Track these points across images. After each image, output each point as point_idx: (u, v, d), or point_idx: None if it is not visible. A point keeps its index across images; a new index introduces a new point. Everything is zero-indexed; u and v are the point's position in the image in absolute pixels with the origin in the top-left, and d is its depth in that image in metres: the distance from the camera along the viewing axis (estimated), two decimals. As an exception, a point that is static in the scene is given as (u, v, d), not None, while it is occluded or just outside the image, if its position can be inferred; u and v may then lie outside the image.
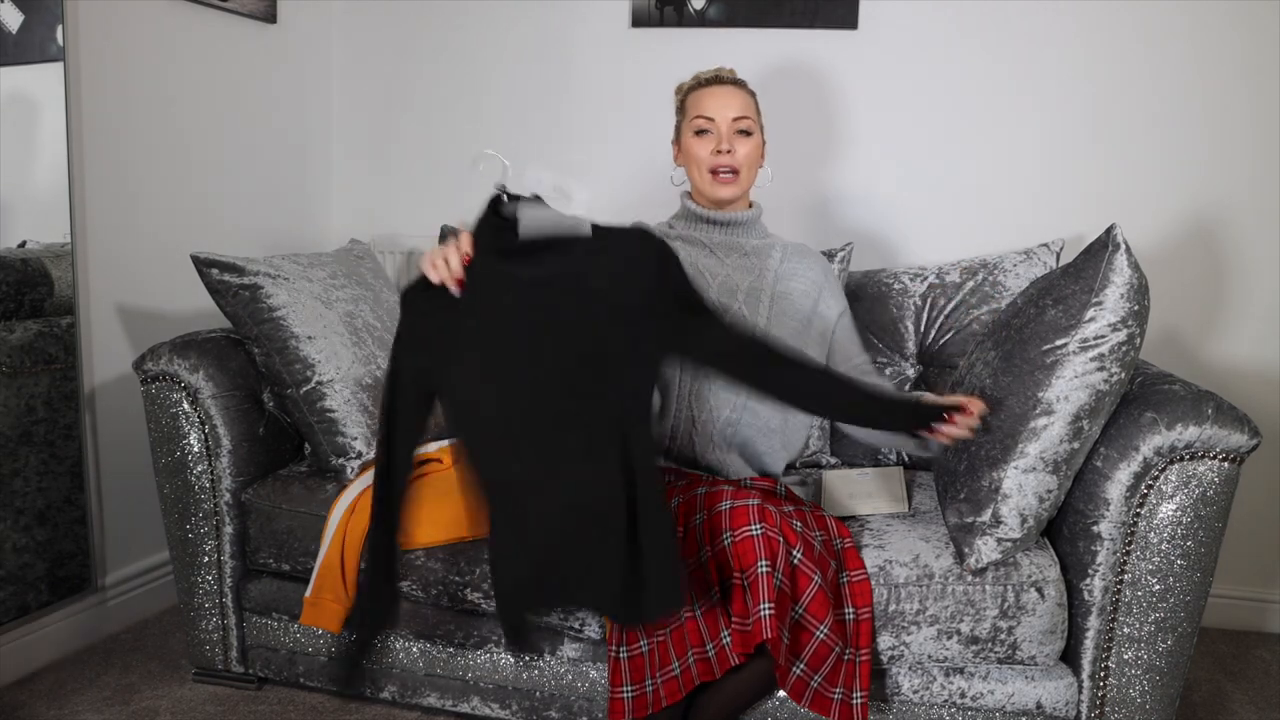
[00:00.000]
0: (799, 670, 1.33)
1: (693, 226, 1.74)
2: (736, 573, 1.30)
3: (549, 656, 1.61)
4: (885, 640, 1.45)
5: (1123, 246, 1.37)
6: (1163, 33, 2.10)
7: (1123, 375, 1.38)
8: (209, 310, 2.02)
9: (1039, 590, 1.42)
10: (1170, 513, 1.39)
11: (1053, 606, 1.43)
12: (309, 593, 1.65)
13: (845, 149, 2.31)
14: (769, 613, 1.26)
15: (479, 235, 1.31)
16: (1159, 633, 1.42)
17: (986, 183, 2.24)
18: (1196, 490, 1.38)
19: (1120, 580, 1.43)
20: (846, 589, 1.43)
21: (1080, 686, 1.48)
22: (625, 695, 1.37)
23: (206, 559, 1.76)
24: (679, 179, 1.78)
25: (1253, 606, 2.20)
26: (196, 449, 1.73)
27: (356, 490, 1.68)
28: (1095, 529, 1.43)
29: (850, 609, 1.42)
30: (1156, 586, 1.41)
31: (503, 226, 1.31)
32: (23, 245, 1.78)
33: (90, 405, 1.94)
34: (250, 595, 1.76)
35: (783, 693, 1.39)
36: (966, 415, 1.38)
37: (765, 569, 1.28)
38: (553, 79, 2.44)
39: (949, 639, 1.44)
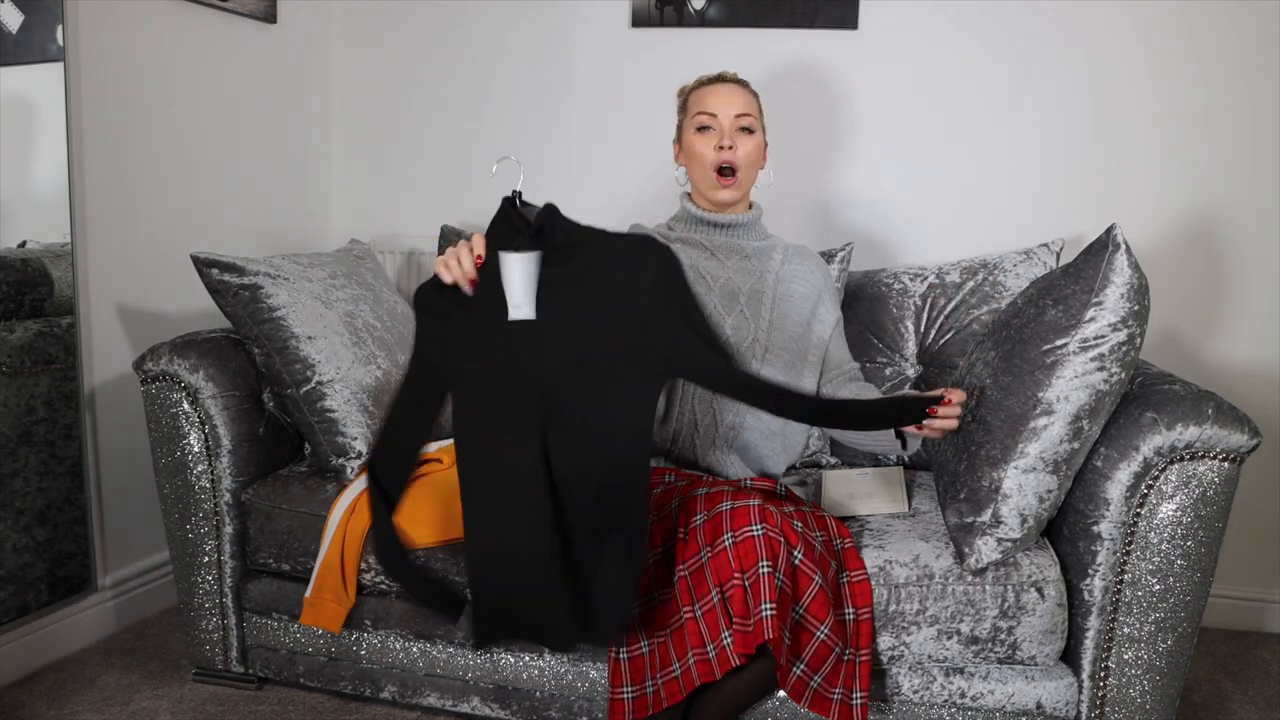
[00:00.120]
0: (799, 670, 1.33)
1: (692, 228, 1.74)
2: (738, 573, 1.30)
3: (549, 656, 1.61)
4: (885, 640, 1.45)
5: (1123, 246, 1.37)
6: (1163, 32, 2.10)
7: (1123, 375, 1.38)
8: (209, 310, 2.02)
9: (1039, 590, 1.42)
10: (1170, 513, 1.39)
11: (1053, 606, 1.43)
12: (309, 593, 1.65)
13: (845, 149, 2.31)
14: (771, 613, 1.26)
15: (492, 236, 1.33)
16: (1159, 633, 1.42)
17: (986, 183, 2.24)
18: (1196, 490, 1.38)
19: (1120, 580, 1.43)
20: (846, 589, 1.43)
21: (1080, 686, 1.48)
22: (625, 696, 1.37)
23: (206, 559, 1.76)
24: (681, 179, 1.78)
25: (1253, 606, 2.20)
26: (196, 449, 1.73)
27: (356, 490, 1.68)
28: (1095, 529, 1.43)
29: (850, 609, 1.42)
30: (1156, 586, 1.41)
31: (516, 229, 1.32)
32: (23, 245, 1.78)
33: (90, 405, 1.94)
34: (250, 595, 1.76)
35: (782, 693, 1.39)
36: (947, 405, 1.38)
37: (767, 569, 1.28)
38: (553, 79, 2.44)
39: (949, 639, 1.44)
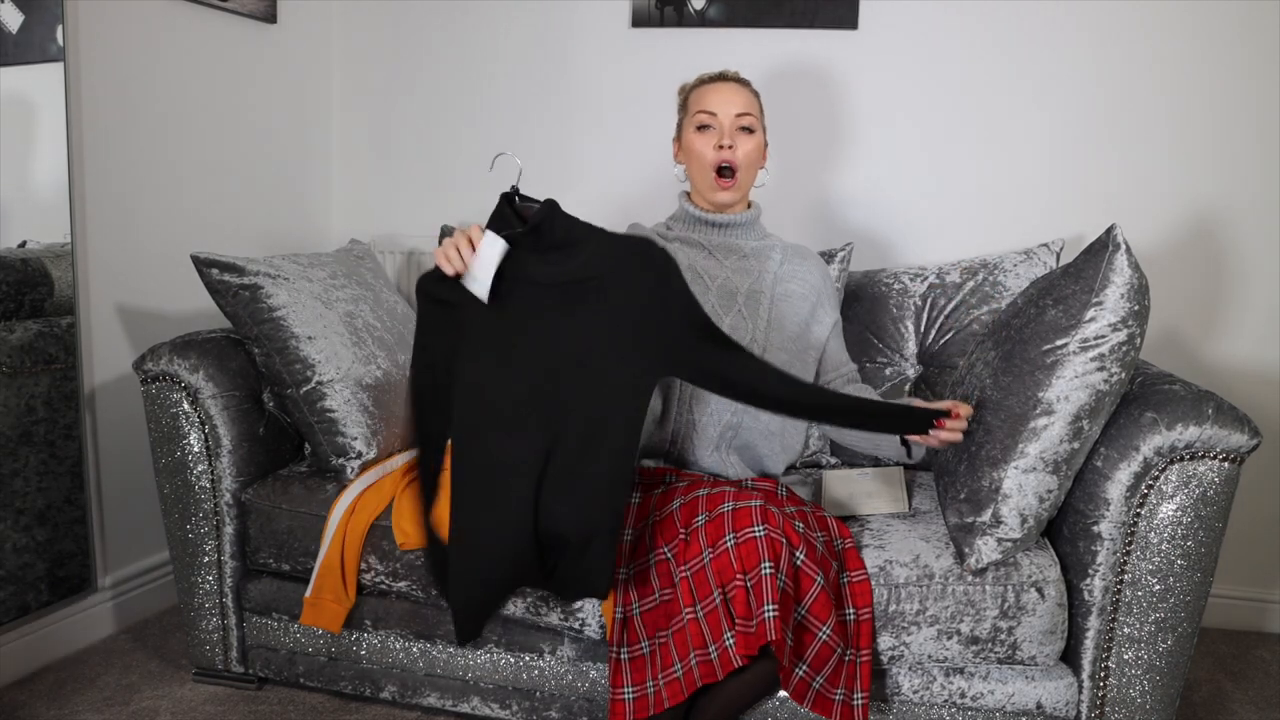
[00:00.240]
0: (802, 671, 1.33)
1: (691, 228, 1.74)
2: (740, 574, 1.30)
3: (549, 657, 1.61)
4: (885, 640, 1.45)
5: (1123, 246, 1.37)
6: (1163, 33, 2.10)
7: (1123, 375, 1.38)
8: (209, 310, 2.02)
9: (1039, 590, 1.43)
10: (1170, 513, 1.39)
11: (1053, 606, 1.43)
12: (309, 593, 1.65)
13: (845, 149, 2.31)
14: (774, 614, 1.26)
15: (491, 229, 1.34)
16: (1159, 633, 1.42)
17: (986, 183, 2.24)
18: (1197, 490, 1.38)
19: (1120, 580, 1.43)
20: (847, 589, 1.43)
21: (1080, 687, 1.48)
22: (626, 696, 1.37)
23: (206, 559, 1.76)
24: (680, 178, 1.78)
25: (1253, 606, 2.20)
26: (197, 449, 1.73)
27: (356, 490, 1.68)
28: (1095, 529, 1.43)
29: (851, 609, 1.42)
30: (1157, 586, 1.41)
31: (512, 225, 1.34)
32: (23, 245, 1.78)
33: (90, 405, 1.94)
34: (250, 595, 1.76)
35: (783, 693, 1.39)
36: (954, 419, 1.41)
37: (769, 570, 1.28)
38: (553, 79, 2.44)
39: (949, 639, 1.44)
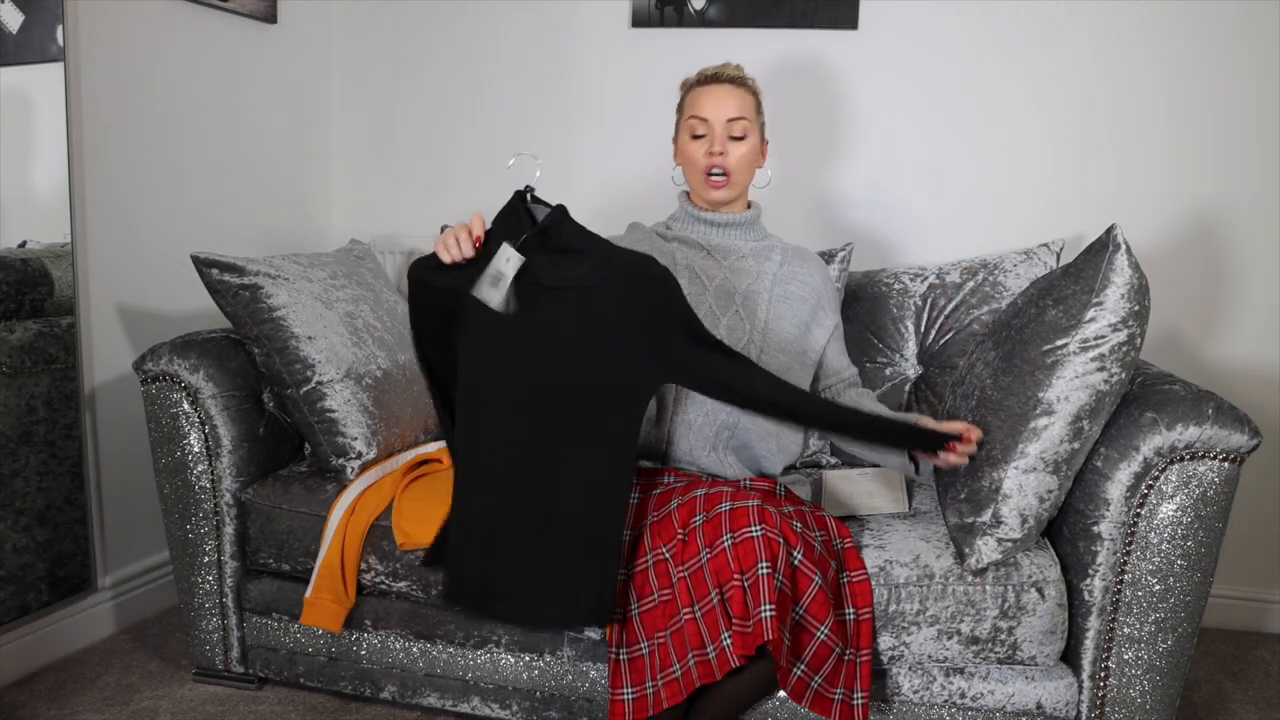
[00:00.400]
0: (800, 671, 1.33)
1: (690, 227, 1.74)
2: (737, 574, 1.30)
3: (549, 656, 1.61)
4: (885, 640, 1.45)
5: (1123, 246, 1.37)
6: (1164, 33, 2.10)
7: (1123, 375, 1.38)
8: (209, 310, 2.02)
9: (1039, 590, 1.42)
10: (1170, 513, 1.39)
11: (1053, 607, 1.42)
12: (309, 593, 1.65)
13: (845, 149, 2.31)
14: (770, 614, 1.26)
15: (498, 224, 1.36)
16: (1159, 633, 1.42)
17: (986, 183, 2.24)
18: (1197, 490, 1.38)
19: (1120, 580, 1.43)
20: (847, 589, 1.43)
21: (1080, 687, 1.48)
22: (626, 697, 1.37)
23: (206, 559, 1.76)
24: (679, 178, 1.77)
25: (1253, 606, 2.20)
26: (197, 449, 1.73)
27: (357, 490, 1.68)
28: (1095, 529, 1.43)
29: (850, 609, 1.42)
30: (1157, 587, 1.41)
31: (521, 224, 1.35)
32: (23, 245, 1.78)
33: (90, 405, 1.94)
34: (250, 595, 1.76)
35: (783, 693, 1.39)
36: (965, 443, 1.43)
37: (766, 570, 1.28)
38: (553, 79, 2.44)
39: (949, 639, 1.44)
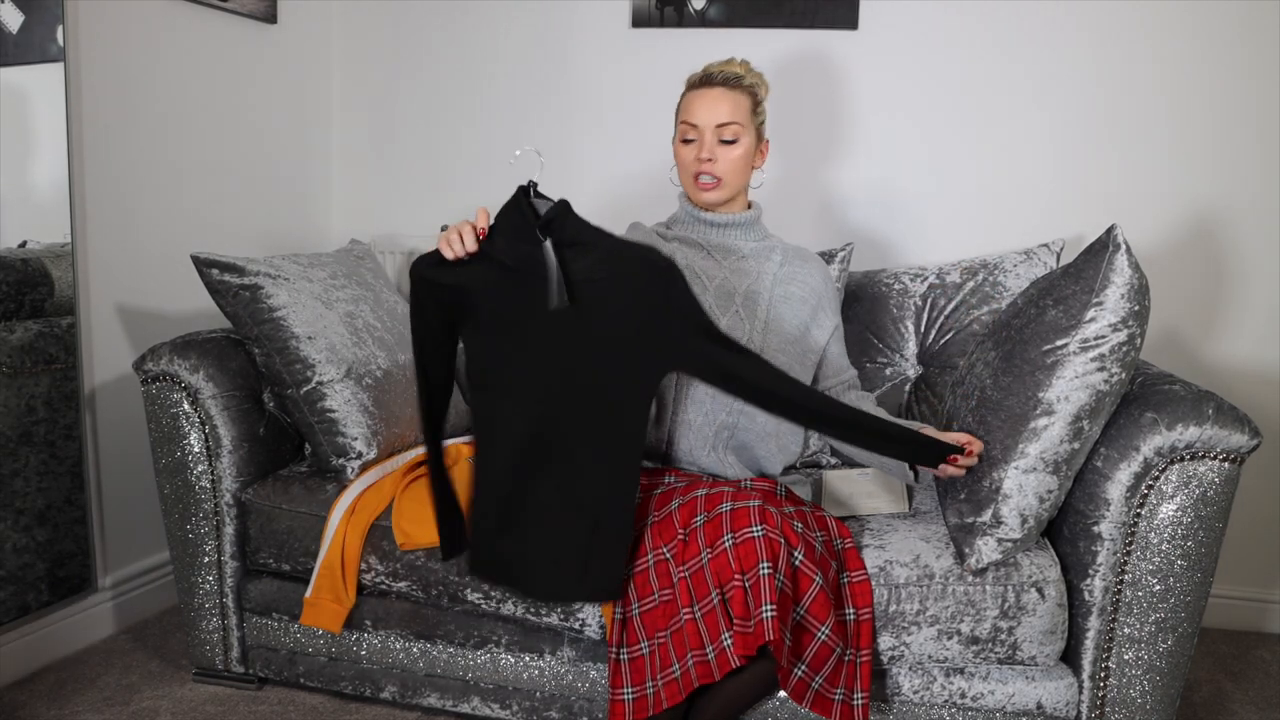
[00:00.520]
0: (800, 671, 1.33)
1: (690, 228, 1.74)
2: (738, 575, 1.30)
3: (549, 657, 1.61)
4: (886, 640, 1.45)
5: (1123, 247, 1.37)
6: (1164, 33, 2.10)
7: (1123, 375, 1.38)
8: (209, 310, 2.02)
9: (1039, 590, 1.42)
10: (1170, 513, 1.39)
11: (1053, 607, 1.42)
12: (309, 593, 1.65)
13: (845, 149, 2.31)
14: (771, 614, 1.26)
15: (502, 219, 1.37)
16: (1159, 633, 1.42)
17: (986, 183, 2.24)
18: (1197, 490, 1.38)
19: (1120, 580, 1.43)
20: (847, 589, 1.43)
21: (1080, 687, 1.48)
22: (626, 697, 1.37)
23: (207, 559, 1.76)
24: (677, 179, 1.77)
25: (1253, 607, 2.20)
26: (197, 449, 1.73)
27: (357, 491, 1.68)
28: (1096, 529, 1.43)
29: (851, 609, 1.42)
30: (1157, 587, 1.41)
31: (525, 218, 1.36)
32: (23, 245, 1.78)
33: (90, 405, 1.94)
34: (250, 595, 1.76)
35: (783, 693, 1.39)
36: (968, 456, 1.43)
37: (767, 571, 1.28)
38: (553, 79, 2.44)
39: (949, 639, 1.44)
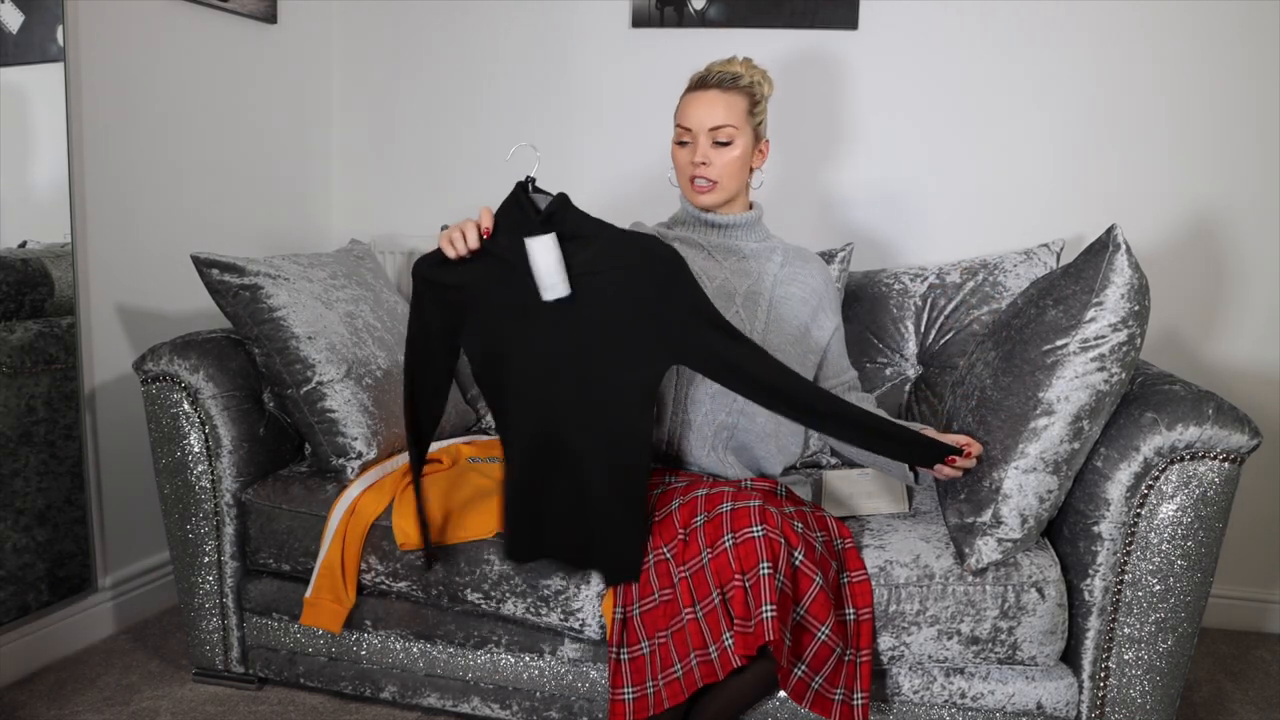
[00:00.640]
0: (800, 671, 1.33)
1: (690, 228, 1.74)
2: (738, 575, 1.30)
3: (549, 657, 1.61)
4: (886, 641, 1.45)
5: (1123, 247, 1.37)
6: (1164, 33, 2.10)
7: (1123, 375, 1.38)
8: (209, 310, 2.02)
9: (1039, 590, 1.42)
10: (1170, 513, 1.39)
11: (1053, 607, 1.42)
12: (309, 593, 1.65)
13: (845, 149, 2.31)
14: (771, 614, 1.26)
15: (502, 215, 1.38)
16: (1159, 633, 1.42)
17: (986, 183, 2.24)
18: (1197, 490, 1.38)
19: (1121, 580, 1.43)
20: (847, 589, 1.43)
21: (1081, 687, 1.48)
22: (626, 697, 1.37)
23: (207, 559, 1.76)
24: (673, 181, 1.77)
25: (1253, 607, 2.20)
26: (197, 449, 1.73)
27: (357, 491, 1.68)
28: (1096, 529, 1.43)
29: (851, 609, 1.42)
30: (1157, 587, 1.41)
31: (526, 213, 1.37)
32: (23, 245, 1.78)
33: (90, 405, 1.94)
34: (250, 595, 1.76)
35: (783, 693, 1.39)
36: (966, 458, 1.43)
37: (767, 571, 1.29)
38: (553, 79, 2.44)
39: (949, 639, 1.44)
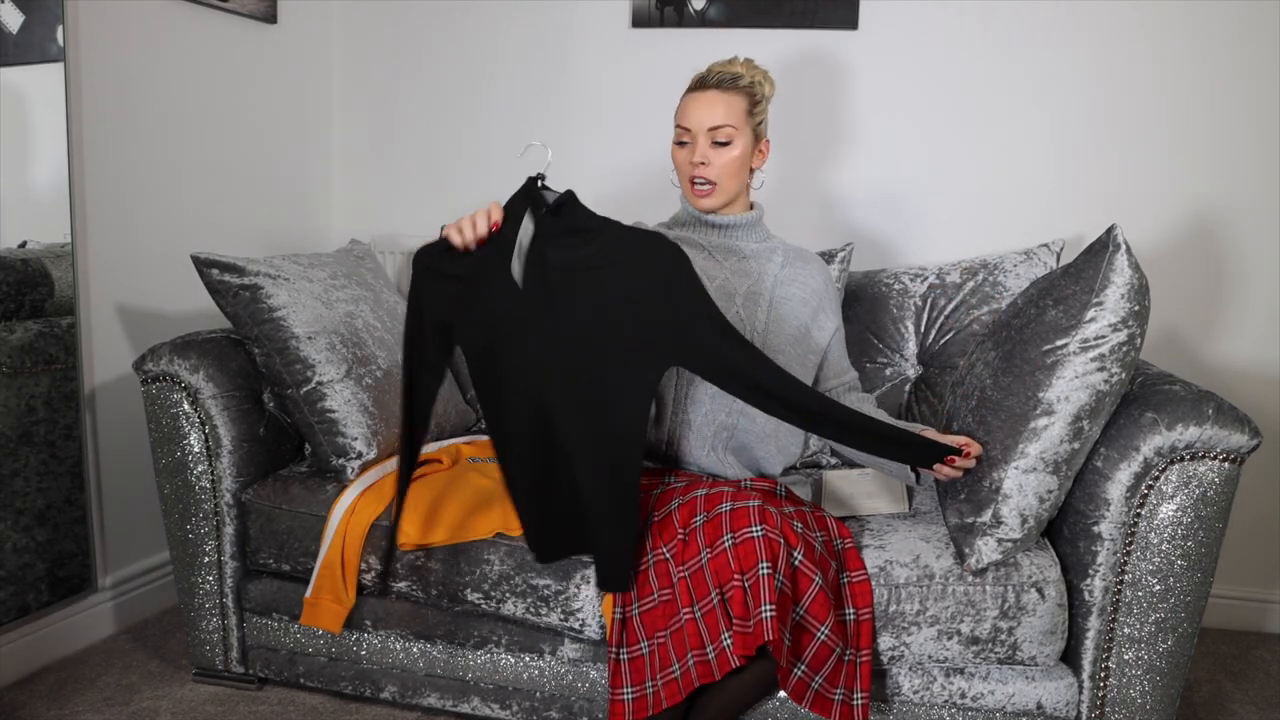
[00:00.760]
0: (800, 671, 1.33)
1: (691, 228, 1.74)
2: (737, 574, 1.30)
3: (549, 657, 1.61)
4: (886, 641, 1.45)
5: (1123, 247, 1.37)
6: (1164, 33, 2.10)
7: (1123, 375, 1.38)
8: (209, 310, 2.02)
9: (1039, 591, 1.42)
10: (1170, 513, 1.39)
11: (1053, 607, 1.42)
12: (309, 593, 1.65)
13: (845, 149, 2.31)
14: (771, 614, 1.26)
15: (511, 209, 1.39)
16: (1159, 633, 1.42)
17: (986, 183, 2.24)
18: (1197, 490, 1.38)
19: (1120, 580, 1.43)
20: (847, 589, 1.43)
21: (1080, 687, 1.48)
22: (625, 697, 1.37)
23: (207, 559, 1.76)
24: (674, 182, 1.77)
25: (1253, 607, 2.20)
26: (197, 449, 1.73)
27: (357, 491, 1.68)
28: (1096, 529, 1.43)
29: (851, 609, 1.42)
30: (1157, 587, 1.41)
31: (535, 207, 1.38)
32: (23, 245, 1.78)
33: (90, 405, 1.94)
34: (250, 595, 1.76)
35: (783, 693, 1.39)
36: (965, 458, 1.42)
37: (766, 571, 1.28)
38: (553, 79, 2.44)
39: (949, 639, 1.44)
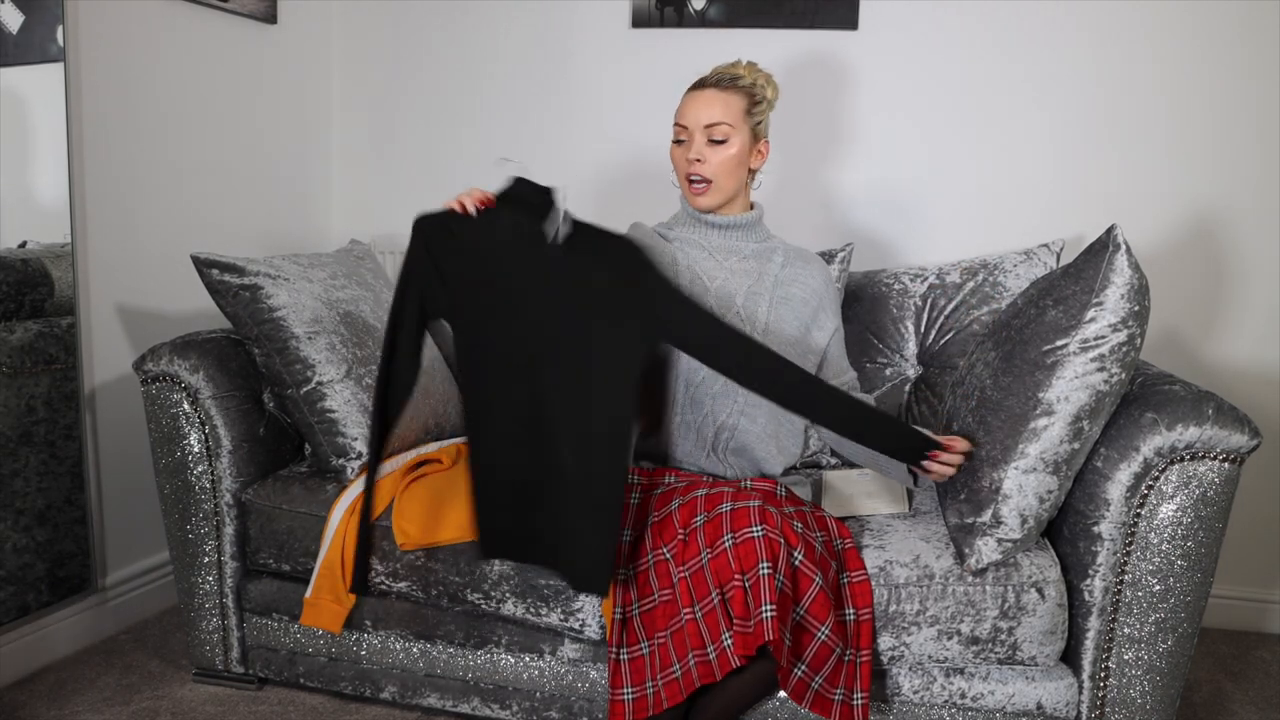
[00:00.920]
0: (800, 671, 1.33)
1: (691, 229, 1.74)
2: (738, 575, 1.30)
3: (549, 657, 1.61)
4: (886, 641, 1.45)
5: (1123, 247, 1.37)
6: (1164, 33, 2.10)
7: (1123, 376, 1.38)
8: (209, 310, 2.02)
9: (1039, 591, 1.42)
10: (1170, 513, 1.39)
11: (1053, 607, 1.42)
12: (309, 593, 1.65)
13: (845, 149, 2.31)
14: (771, 614, 1.26)
15: (503, 196, 1.43)
16: (1159, 633, 1.42)
17: (986, 183, 2.24)
18: (1197, 491, 1.38)
19: (1120, 581, 1.43)
20: (847, 589, 1.43)
21: (1080, 687, 1.48)
22: (626, 697, 1.37)
23: (207, 559, 1.76)
24: (674, 182, 1.77)
25: (1253, 607, 2.20)
26: (197, 449, 1.73)
27: (357, 490, 1.68)
28: (1095, 529, 1.43)
29: (851, 609, 1.42)
30: (1157, 587, 1.41)
31: (517, 203, 1.41)
32: (23, 245, 1.78)
33: (90, 405, 1.94)
34: (250, 595, 1.76)
35: (783, 693, 1.39)
36: (950, 453, 1.43)
37: (767, 571, 1.29)
38: (553, 79, 2.44)
39: (949, 639, 1.44)
